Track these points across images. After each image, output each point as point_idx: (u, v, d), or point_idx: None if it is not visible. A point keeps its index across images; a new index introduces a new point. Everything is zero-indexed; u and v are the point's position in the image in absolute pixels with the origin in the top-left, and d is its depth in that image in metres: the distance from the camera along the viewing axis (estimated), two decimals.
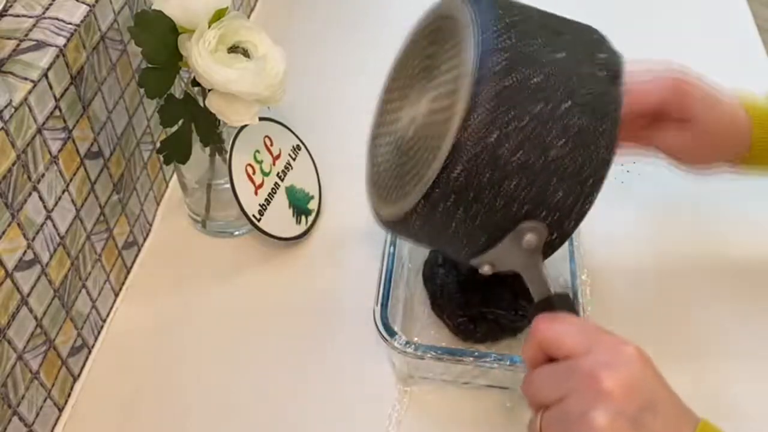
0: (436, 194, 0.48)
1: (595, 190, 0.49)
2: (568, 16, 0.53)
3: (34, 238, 0.56)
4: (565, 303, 0.50)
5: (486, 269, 0.52)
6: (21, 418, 0.57)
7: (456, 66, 0.49)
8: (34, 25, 0.58)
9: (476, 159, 0.46)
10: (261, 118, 0.70)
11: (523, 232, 0.48)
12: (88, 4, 0.61)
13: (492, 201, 0.47)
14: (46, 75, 0.56)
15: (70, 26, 0.59)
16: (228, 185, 0.70)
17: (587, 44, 0.51)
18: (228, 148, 0.70)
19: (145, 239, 0.77)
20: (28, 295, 0.56)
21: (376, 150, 0.60)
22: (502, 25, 0.47)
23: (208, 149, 0.71)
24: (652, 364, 0.44)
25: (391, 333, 0.61)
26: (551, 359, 0.46)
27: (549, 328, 0.47)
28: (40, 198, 0.57)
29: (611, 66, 0.50)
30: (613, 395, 0.42)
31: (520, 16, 0.49)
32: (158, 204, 0.79)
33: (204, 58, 0.61)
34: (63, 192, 0.60)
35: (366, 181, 0.60)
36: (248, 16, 1.01)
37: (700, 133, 0.59)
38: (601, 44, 0.52)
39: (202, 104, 0.66)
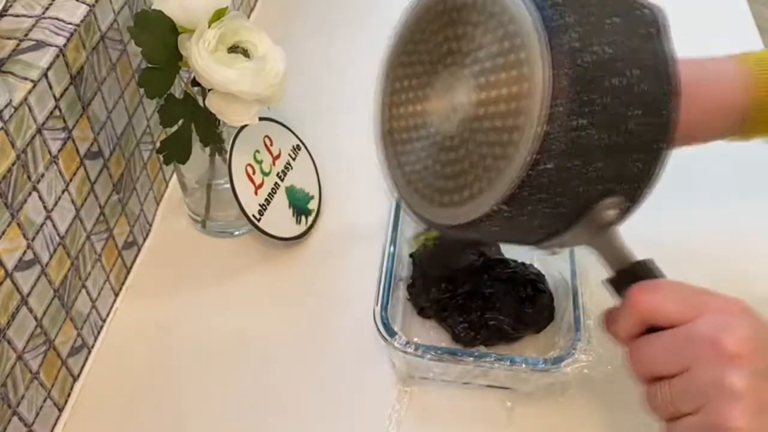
0: (524, 194, 0.44)
1: (667, 153, 0.47)
2: None
3: (33, 238, 0.56)
4: (652, 269, 0.48)
5: (553, 250, 0.50)
6: (21, 418, 0.57)
7: (510, 50, 0.44)
8: (33, 25, 0.58)
9: (567, 149, 0.42)
10: (261, 118, 0.70)
11: (603, 209, 0.46)
12: (88, 4, 0.61)
13: (577, 188, 0.45)
14: (45, 75, 0.56)
15: (70, 26, 0.59)
16: (228, 185, 0.69)
17: (628, 5, 0.47)
18: (228, 148, 0.70)
19: (145, 239, 0.77)
20: (28, 295, 0.56)
21: (399, 148, 0.54)
22: None
23: (208, 149, 0.71)
24: (759, 314, 0.44)
25: (391, 333, 0.61)
26: (651, 329, 0.45)
27: (649, 298, 0.45)
28: (40, 198, 0.57)
29: (655, 21, 0.47)
30: (741, 356, 0.41)
31: None
32: (158, 204, 0.79)
33: (204, 58, 0.61)
34: (63, 192, 0.60)
35: (391, 184, 0.54)
36: (248, 16, 1.01)
37: (688, 112, 0.54)
38: (635, 3, 0.48)
39: (201, 104, 0.66)
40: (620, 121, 0.44)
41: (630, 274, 0.47)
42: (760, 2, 1.11)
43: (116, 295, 0.72)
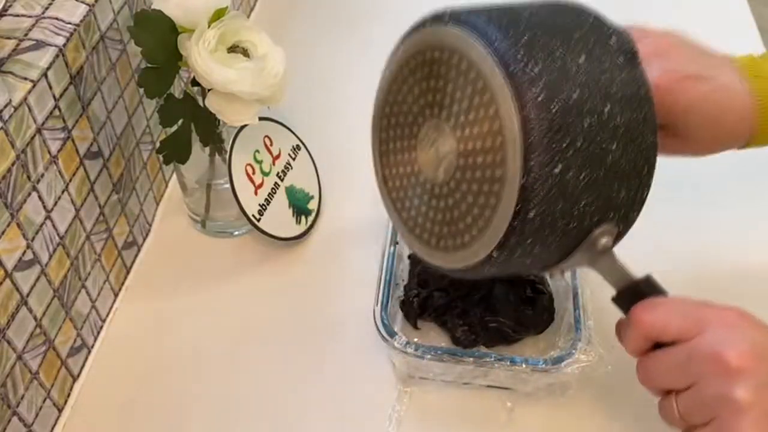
0: (512, 242, 0.46)
1: (651, 176, 0.48)
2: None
3: (33, 238, 0.56)
4: (652, 286, 0.49)
5: (554, 275, 0.53)
6: (20, 418, 0.57)
7: (480, 105, 0.46)
8: (33, 25, 0.58)
9: (547, 197, 0.44)
10: (261, 118, 0.70)
11: (596, 238, 0.48)
12: (87, 4, 0.61)
13: (566, 226, 0.47)
14: (45, 75, 0.56)
15: (69, 26, 0.59)
16: (228, 185, 0.69)
17: (594, 32, 0.49)
18: (228, 148, 0.69)
19: (144, 239, 0.77)
20: (28, 295, 0.56)
21: (394, 195, 0.57)
22: (522, 46, 0.45)
23: (207, 149, 0.71)
24: (757, 320, 0.45)
25: (391, 333, 0.61)
26: (657, 344, 0.46)
27: (650, 317, 0.46)
28: (40, 198, 0.57)
29: (624, 47, 0.49)
30: (745, 370, 0.42)
31: (526, 26, 0.47)
32: (158, 204, 0.79)
33: (204, 57, 0.61)
34: (62, 192, 0.60)
35: (398, 228, 0.57)
36: (248, 16, 1.01)
37: (691, 135, 0.56)
38: (603, 26, 0.50)
39: (201, 104, 0.65)
40: (599, 158, 0.46)
41: (632, 293, 0.49)
42: (760, 2, 1.11)
43: (116, 295, 0.71)
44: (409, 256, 0.71)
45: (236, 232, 0.77)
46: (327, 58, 0.97)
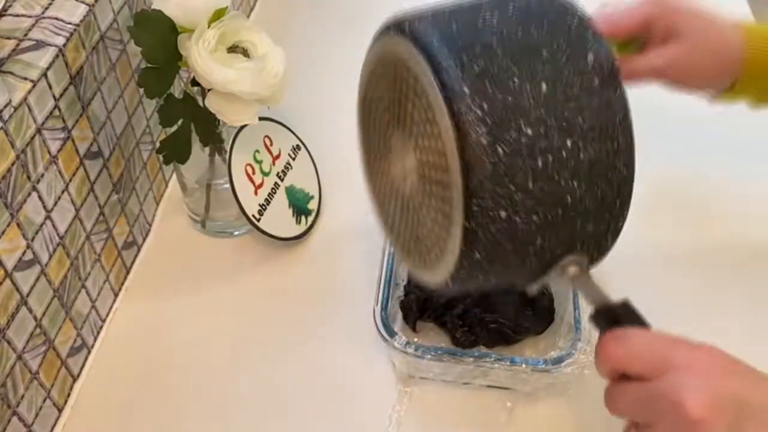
0: (463, 275, 0.45)
1: (626, 207, 0.46)
2: None
3: (33, 238, 0.56)
4: (628, 313, 0.47)
5: (532, 291, 0.51)
6: (21, 418, 0.57)
7: (434, 136, 0.44)
8: (33, 25, 0.58)
9: (492, 241, 0.42)
10: (261, 118, 0.70)
11: (564, 267, 0.47)
12: (87, 4, 0.61)
13: (522, 262, 0.45)
14: (45, 75, 0.56)
15: (69, 26, 0.59)
16: (228, 185, 0.69)
17: (570, 47, 0.43)
18: (228, 148, 0.69)
19: (144, 239, 0.77)
20: (28, 295, 0.56)
21: (379, 199, 0.57)
22: (472, 79, 0.41)
23: (207, 149, 0.71)
24: (729, 361, 0.43)
25: (391, 333, 0.61)
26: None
27: (616, 350, 0.45)
28: (40, 198, 0.57)
29: (603, 65, 0.43)
30: (702, 420, 0.40)
31: (482, 49, 0.42)
32: (158, 204, 0.79)
33: (204, 58, 0.61)
34: (62, 192, 0.60)
35: (387, 238, 0.57)
36: (248, 16, 1.01)
37: (688, 48, 0.57)
38: (584, 36, 0.44)
39: (201, 104, 0.65)
40: (555, 199, 0.42)
41: (607, 316, 0.47)
42: (760, 2, 1.11)
43: (116, 295, 0.71)
44: None
45: (236, 232, 0.77)
46: (327, 58, 0.97)
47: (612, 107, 0.43)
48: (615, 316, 0.46)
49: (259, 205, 0.71)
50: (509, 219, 0.42)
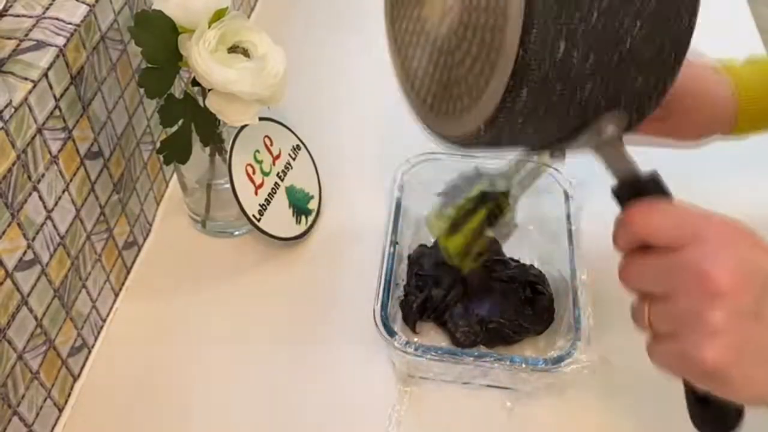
0: (501, 120, 0.41)
1: (680, 63, 0.42)
2: None
3: (34, 238, 0.56)
4: (656, 185, 0.45)
5: (557, 155, 0.48)
6: (21, 418, 0.57)
7: None
8: (34, 25, 0.58)
9: (545, 77, 0.39)
10: (261, 118, 0.70)
11: (603, 125, 0.44)
12: (88, 4, 0.61)
13: (565, 110, 0.42)
14: (46, 75, 0.56)
15: (70, 26, 0.59)
16: (228, 185, 0.69)
17: None
18: (228, 148, 0.70)
19: (145, 239, 0.77)
20: (28, 295, 0.56)
21: (400, 40, 0.52)
22: None
23: (208, 149, 0.71)
24: (758, 239, 0.42)
25: (391, 333, 0.61)
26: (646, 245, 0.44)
27: (644, 219, 0.43)
28: (40, 198, 0.57)
29: None
30: (727, 293, 0.39)
31: None
32: (158, 204, 0.79)
33: (204, 58, 0.61)
34: (63, 192, 0.60)
35: (398, 77, 0.52)
36: (248, 16, 1.01)
37: (680, 117, 0.56)
38: None
39: (202, 104, 0.66)
40: (615, 39, 0.40)
41: (633, 188, 0.45)
42: (760, 2, 1.11)
43: (116, 295, 0.72)
44: (409, 256, 0.71)
45: (236, 232, 0.77)
46: (327, 58, 0.97)
47: None
48: (642, 189, 0.45)
49: (260, 205, 0.72)
50: (566, 53, 0.38)
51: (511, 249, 0.71)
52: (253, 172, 0.72)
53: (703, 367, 0.40)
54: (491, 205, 0.58)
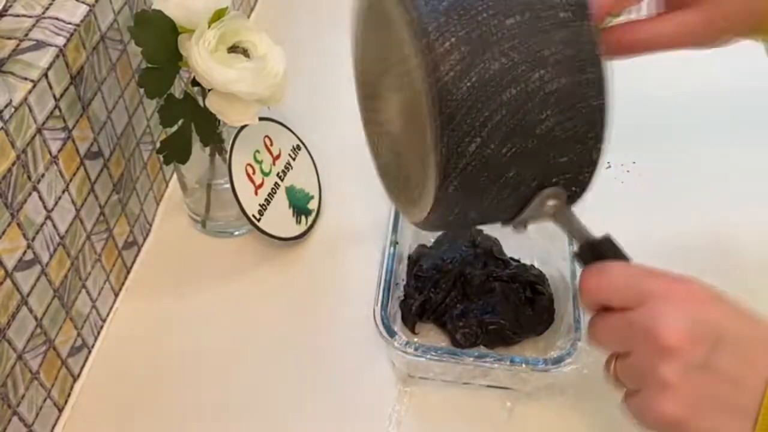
0: (442, 209, 0.46)
1: (600, 139, 0.45)
2: None
3: (33, 238, 0.56)
4: (610, 247, 0.48)
5: (522, 229, 0.51)
6: (21, 418, 0.57)
7: (411, 71, 0.44)
8: (33, 25, 0.58)
9: (465, 172, 0.43)
10: (261, 118, 0.70)
11: (543, 201, 0.47)
12: (88, 4, 0.61)
13: (498, 193, 0.45)
14: (46, 75, 0.56)
15: (70, 26, 0.59)
16: (228, 185, 0.69)
17: None
18: (228, 148, 0.70)
19: (145, 239, 0.77)
20: (28, 295, 0.56)
21: (373, 139, 0.58)
22: (442, 12, 0.42)
23: (208, 149, 0.71)
24: (709, 291, 0.44)
25: (391, 333, 0.61)
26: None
27: (595, 283, 0.46)
28: (40, 198, 0.57)
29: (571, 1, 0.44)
30: (676, 350, 0.41)
31: None
32: (158, 204, 0.79)
33: (204, 58, 0.61)
34: (63, 192, 0.60)
35: (378, 175, 0.58)
36: (248, 16, 1.01)
37: (710, 13, 0.51)
38: None
39: (202, 104, 0.66)
40: (525, 129, 0.43)
41: (590, 251, 0.49)
42: None
43: (116, 295, 0.72)
44: (409, 257, 0.71)
45: (236, 232, 0.77)
46: (327, 58, 0.96)
47: (581, 38, 0.43)
48: (598, 251, 0.48)
49: (260, 205, 0.72)
50: (479, 150, 0.43)
51: (511, 249, 0.71)
52: (253, 172, 0.72)
53: (663, 420, 0.43)
54: None
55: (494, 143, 0.43)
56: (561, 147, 0.45)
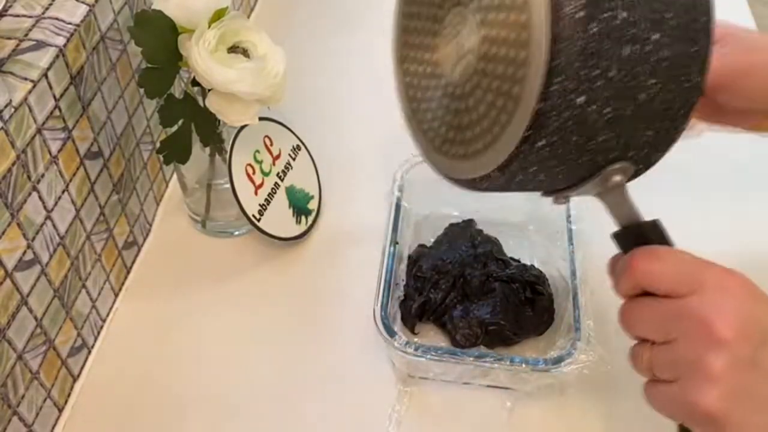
0: (514, 166, 0.42)
1: (687, 118, 0.43)
2: None
3: (33, 238, 0.56)
4: (658, 232, 0.46)
5: (561, 200, 0.48)
6: (21, 418, 0.57)
7: (516, 7, 0.40)
8: (33, 25, 0.58)
9: (562, 128, 0.40)
10: (261, 118, 0.70)
11: (609, 175, 0.45)
12: (88, 4, 0.61)
13: (577, 159, 0.43)
14: (46, 75, 0.56)
15: (70, 26, 0.59)
16: (228, 185, 0.70)
17: None
18: (228, 148, 0.70)
19: (145, 239, 0.77)
20: (28, 295, 0.56)
21: (408, 80, 0.51)
22: None
23: (208, 149, 0.71)
24: (759, 290, 0.43)
25: (391, 333, 0.61)
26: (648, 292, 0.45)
27: (647, 266, 0.44)
28: (40, 198, 0.57)
29: None
30: (728, 341, 0.40)
31: None
32: (158, 204, 0.79)
33: (204, 58, 0.61)
34: (63, 192, 0.60)
35: (405, 117, 0.52)
36: (248, 16, 1.01)
37: (750, 97, 0.53)
38: None
39: (202, 104, 0.66)
40: (630, 93, 0.41)
41: (634, 234, 0.46)
42: (760, 2, 1.11)
43: (116, 295, 0.72)
44: (409, 257, 0.71)
45: (236, 232, 0.77)
46: (327, 58, 0.97)
47: (698, 7, 0.42)
48: (643, 236, 0.46)
49: (260, 205, 0.72)
50: (584, 106, 0.39)
51: (511, 249, 0.71)
52: (253, 172, 0.72)
53: (701, 412, 0.41)
54: None
55: (598, 102, 0.40)
56: (652, 120, 0.42)
